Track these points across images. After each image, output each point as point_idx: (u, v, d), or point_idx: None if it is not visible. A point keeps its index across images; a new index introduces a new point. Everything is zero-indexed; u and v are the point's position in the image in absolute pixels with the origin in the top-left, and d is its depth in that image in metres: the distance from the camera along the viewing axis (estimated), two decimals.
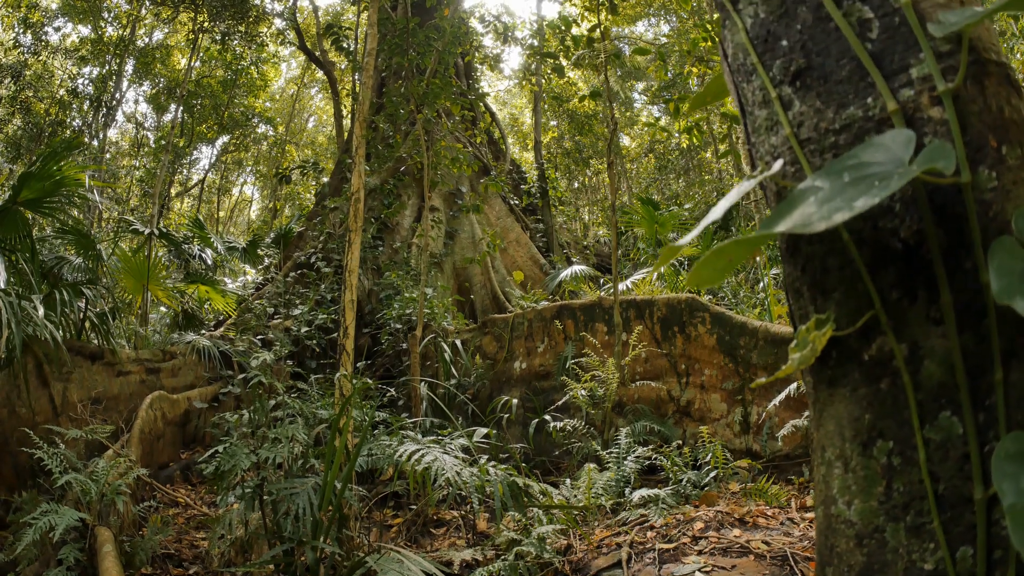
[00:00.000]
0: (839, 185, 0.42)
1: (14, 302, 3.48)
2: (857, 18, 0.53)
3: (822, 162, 0.53)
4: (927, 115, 0.48)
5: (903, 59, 0.51)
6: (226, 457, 2.47)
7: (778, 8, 0.59)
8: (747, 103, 0.61)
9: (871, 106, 0.51)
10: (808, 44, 0.56)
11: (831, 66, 0.54)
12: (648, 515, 2.90)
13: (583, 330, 4.61)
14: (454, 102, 5.75)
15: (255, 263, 8.54)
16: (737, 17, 0.62)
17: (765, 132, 0.59)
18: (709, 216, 0.51)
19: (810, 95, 0.55)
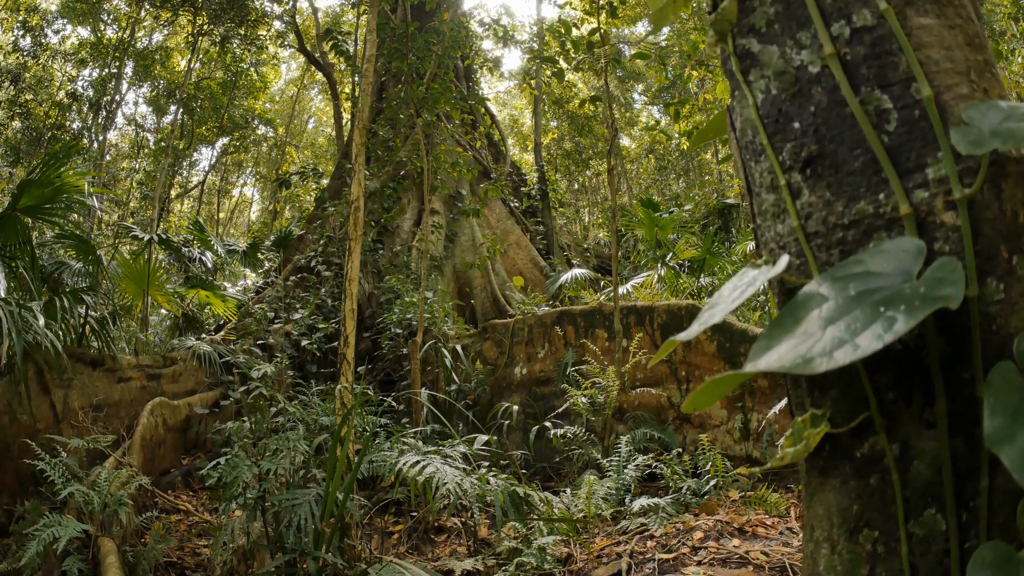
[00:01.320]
0: (844, 300, 0.42)
1: (14, 311, 3.49)
2: (875, 107, 0.52)
3: (828, 257, 0.53)
4: (940, 220, 0.47)
5: (920, 156, 0.50)
6: (228, 468, 2.47)
7: (791, 86, 0.57)
8: (754, 183, 0.60)
9: (883, 203, 0.50)
10: (821, 129, 0.55)
11: (844, 155, 0.53)
12: (648, 524, 2.91)
13: (583, 336, 4.62)
14: (454, 107, 5.75)
15: (255, 266, 8.54)
16: (747, 90, 0.60)
17: (772, 219, 0.58)
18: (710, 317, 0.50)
19: (820, 185, 0.54)
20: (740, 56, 0.62)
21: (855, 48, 0.54)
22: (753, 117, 0.59)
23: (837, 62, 0.53)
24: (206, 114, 12.42)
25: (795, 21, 0.58)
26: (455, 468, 2.65)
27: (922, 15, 0.54)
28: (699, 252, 7.17)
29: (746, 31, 0.62)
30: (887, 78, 0.52)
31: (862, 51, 0.54)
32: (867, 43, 0.54)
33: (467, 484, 2.58)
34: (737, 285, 0.53)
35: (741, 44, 0.61)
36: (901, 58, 0.52)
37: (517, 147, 16.45)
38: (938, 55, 0.52)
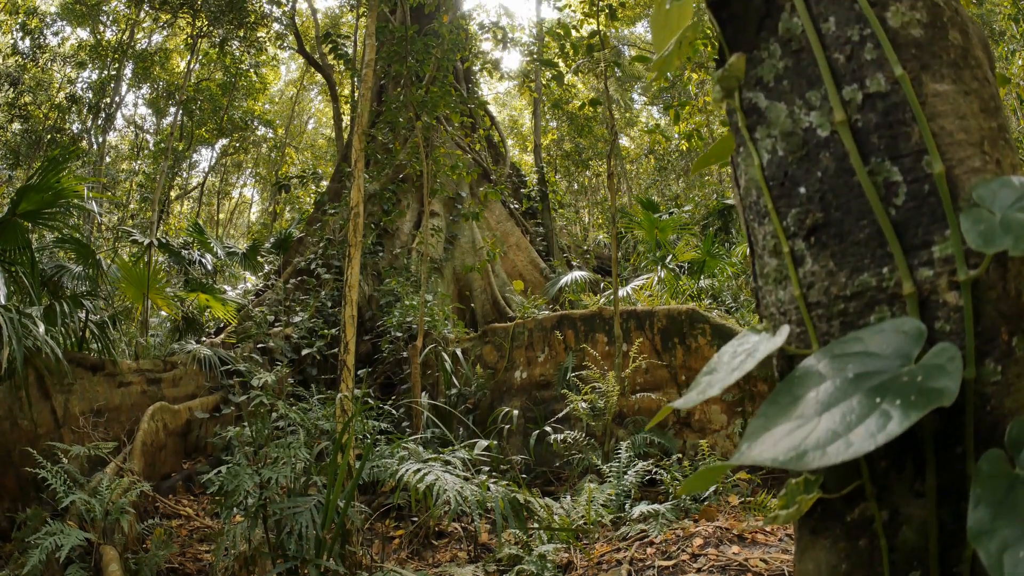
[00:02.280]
0: (842, 383, 0.42)
1: (15, 318, 3.49)
2: (884, 179, 0.51)
3: (828, 328, 0.52)
4: (943, 299, 0.47)
5: (927, 233, 0.48)
6: (229, 477, 2.48)
7: (799, 148, 0.56)
8: (757, 244, 0.59)
9: (886, 277, 0.49)
10: (828, 196, 0.53)
11: (850, 225, 0.52)
12: (648, 530, 2.92)
13: (583, 341, 4.62)
14: (453, 110, 5.75)
15: (255, 269, 8.54)
16: (753, 148, 0.59)
17: (774, 284, 0.57)
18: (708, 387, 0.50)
19: (824, 254, 0.53)
20: (746, 111, 0.60)
21: (867, 115, 0.53)
22: (758, 178, 0.57)
23: (848, 130, 0.52)
24: (205, 115, 12.41)
25: (805, 79, 0.56)
26: (455, 476, 2.66)
27: (938, 81, 0.52)
28: (699, 254, 7.18)
29: (753, 83, 0.60)
30: (898, 149, 0.51)
31: (874, 119, 0.52)
32: (880, 111, 0.52)
33: (468, 492, 2.58)
34: (737, 351, 0.53)
35: (748, 98, 0.60)
36: (914, 128, 0.51)
37: (517, 148, 16.43)
38: (952, 125, 0.51)
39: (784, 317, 0.56)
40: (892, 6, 0.54)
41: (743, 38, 0.61)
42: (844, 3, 0.55)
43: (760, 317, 0.60)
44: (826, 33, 0.56)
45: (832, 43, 0.55)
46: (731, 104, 0.60)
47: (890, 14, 0.54)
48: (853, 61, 0.54)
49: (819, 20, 0.56)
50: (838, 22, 0.55)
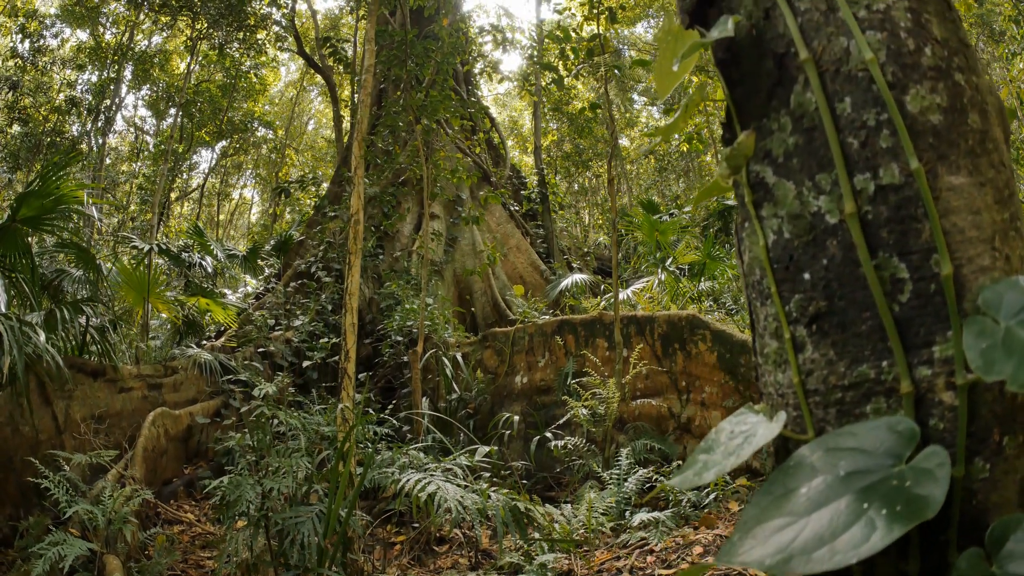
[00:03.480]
0: (833, 481, 0.42)
1: (15, 326, 3.50)
2: (890, 275, 0.50)
3: (825, 415, 0.52)
4: (939, 398, 0.47)
5: (929, 333, 0.48)
6: (231, 487, 2.49)
7: (806, 233, 0.54)
8: (758, 323, 0.59)
9: (885, 371, 0.49)
10: (833, 285, 0.52)
11: (853, 316, 0.51)
12: (648, 538, 2.93)
13: (584, 346, 4.63)
14: (453, 114, 5.75)
15: (255, 272, 8.54)
16: (758, 226, 0.57)
17: (773, 366, 0.57)
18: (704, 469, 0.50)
19: (825, 342, 0.52)
20: (753, 186, 0.59)
21: (878, 207, 0.51)
22: (762, 258, 0.56)
23: (857, 222, 0.50)
24: (205, 117, 12.40)
25: (816, 160, 0.55)
26: (456, 484, 2.67)
27: (954, 172, 0.51)
28: (699, 256, 7.17)
29: (761, 156, 0.58)
30: (908, 246, 0.50)
31: (885, 212, 0.51)
32: (892, 204, 0.51)
33: (469, 500, 2.59)
34: (735, 431, 0.53)
35: (755, 171, 0.58)
36: (925, 225, 0.49)
37: (517, 149, 16.42)
38: (964, 222, 0.50)
39: (782, 400, 0.56)
40: (912, 89, 0.52)
41: (753, 104, 0.60)
42: (861, 83, 0.53)
43: (759, 393, 0.60)
44: (841, 114, 0.54)
45: (846, 126, 0.54)
46: (738, 178, 0.59)
47: (909, 98, 0.52)
48: (867, 148, 0.52)
49: (834, 99, 0.54)
50: (854, 104, 0.53)
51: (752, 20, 0.61)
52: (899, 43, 0.54)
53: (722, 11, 0.64)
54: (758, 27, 0.60)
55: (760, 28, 0.60)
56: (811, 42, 0.57)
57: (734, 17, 0.58)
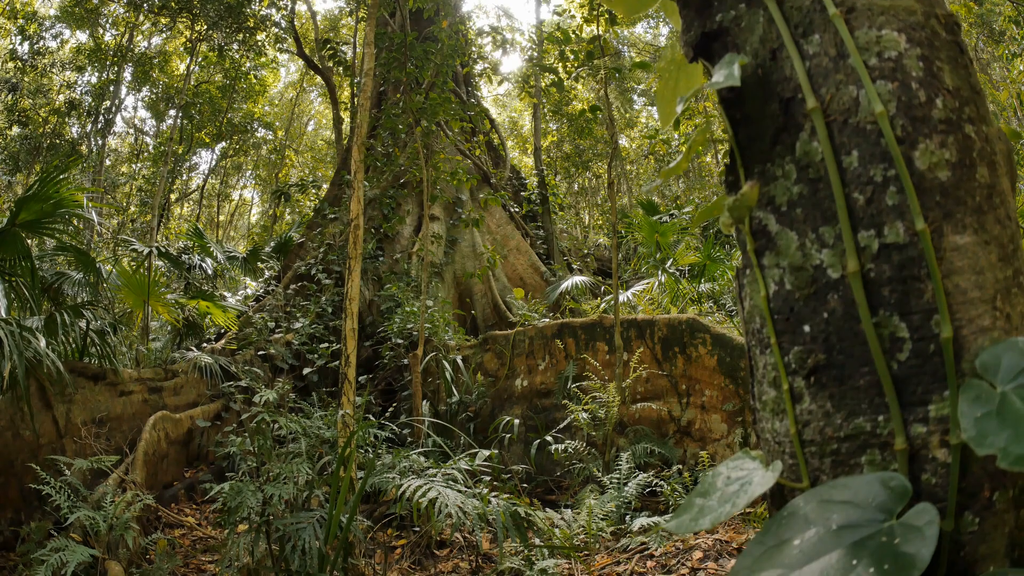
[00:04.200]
0: (825, 533, 0.43)
1: (15, 331, 3.50)
2: (890, 333, 0.49)
3: (820, 464, 0.53)
4: (933, 455, 0.47)
5: (926, 391, 0.48)
6: (232, 494, 2.49)
7: (807, 286, 0.53)
8: (757, 371, 0.59)
9: (881, 425, 0.49)
10: (832, 339, 0.52)
11: (851, 370, 0.51)
12: (648, 543, 2.94)
13: (584, 349, 4.63)
14: (453, 117, 5.75)
15: (255, 274, 8.54)
16: (760, 275, 0.57)
17: (771, 413, 0.57)
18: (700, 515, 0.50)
19: (823, 395, 0.52)
20: (755, 233, 0.58)
21: (881, 266, 0.50)
22: (763, 308, 0.56)
23: (859, 281, 0.50)
24: (205, 118, 12.39)
25: (820, 212, 0.54)
26: (456, 491, 2.67)
27: (959, 232, 0.50)
28: (699, 258, 7.17)
29: (764, 203, 0.57)
30: (909, 306, 0.49)
31: (887, 271, 0.50)
32: (895, 263, 0.50)
33: (469, 506, 2.60)
34: (732, 477, 0.53)
35: (758, 217, 0.57)
36: (927, 285, 0.49)
37: (516, 149, 16.41)
38: (967, 283, 0.49)
39: (779, 447, 0.56)
40: (921, 144, 0.51)
41: (756, 147, 0.59)
42: (870, 136, 0.52)
43: (757, 433, 0.61)
44: (847, 168, 0.53)
45: (852, 180, 0.53)
46: (740, 225, 0.58)
47: (918, 153, 0.51)
48: (873, 205, 0.51)
49: (841, 151, 0.53)
50: (861, 158, 0.52)
51: (758, 59, 0.60)
52: (910, 94, 0.53)
53: (727, 47, 0.63)
54: (764, 67, 0.59)
55: (766, 69, 0.59)
56: (819, 89, 0.56)
57: (740, 60, 0.56)
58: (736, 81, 0.54)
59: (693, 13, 0.66)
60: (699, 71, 0.68)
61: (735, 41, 0.62)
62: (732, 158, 0.62)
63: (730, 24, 0.63)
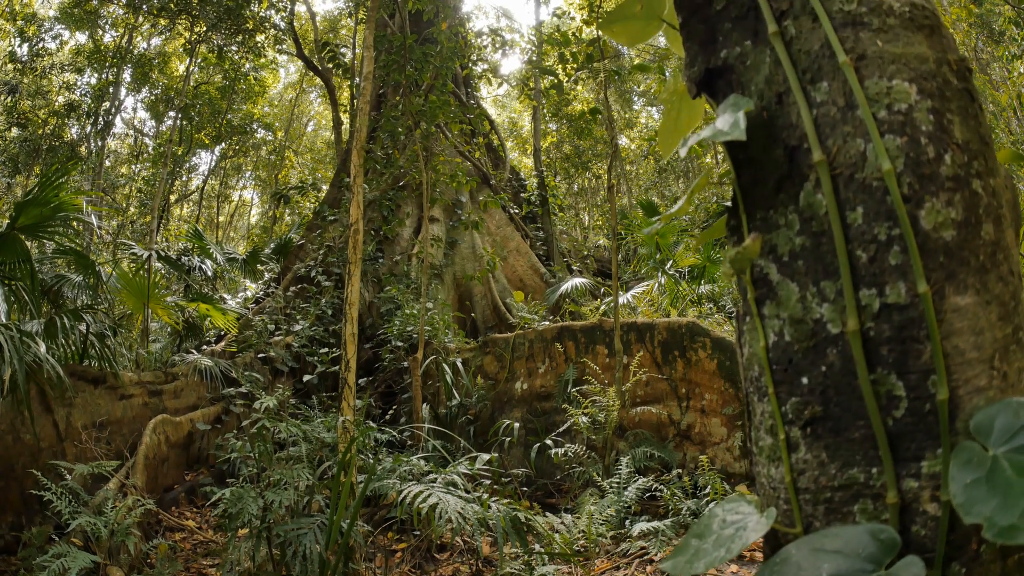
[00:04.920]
0: None
1: (15, 336, 3.50)
2: (887, 391, 0.50)
3: (813, 511, 0.53)
4: (923, 508, 0.48)
5: (920, 448, 0.49)
6: (233, 500, 2.50)
7: (807, 339, 0.53)
8: (755, 417, 0.59)
9: (874, 476, 0.50)
10: (830, 392, 0.52)
11: (847, 423, 0.51)
12: (648, 547, 2.94)
13: (584, 353, 4.64)
14: (452, 119, 5.75)
15: (255, 276, 8.54)
16: (760, 325, 0.57)
17: (767, 459, 0.58)
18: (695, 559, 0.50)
19: (818, 444, 0.53)
20: (756, 281, 0.57)
21: (881, 325, 0.50)
22: (762, 357, 0.56)
23: (859, 340, 0.50)
24: (204, 119, 12.38)
25: (822, 265, 0.53)
26: (457, 496, 2.68)
27: (961, 292, 0.50)
28: (699, 259, 7.18)
29: (767, 251, 0.57)
30: (907, 366, 0.49)
31: (887, 331, 0.50)
32: (895, 324, 0.50)
33: (469, 511, 2.61)
34: (727, 520, 0.54)
35: (759, 266, 0.57)
36: (926, 347, 0.49)
37: (516, 150, 16.40)
38: (965, 344, 0.49)
39: (774, 492, 0.57)
40: (928, 203, 0.51)
41: (760, 192, 0.59)
42: (875, 194, 0.51)
43: (754, 475, 0.61)
44: (851, 224, 0.52)
45: (856, 237, 0.52)
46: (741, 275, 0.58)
47: (924, 212, 0.51)
48: (876, 263, 0.51)
49: (845, 207, 0.53)
50: (866, 215, 0.52)
51: (764, 101, 0.59)
52: (919, 150, 0.52)
53: (731, 85, 0.62)
54: (770, 110, 0.58)
55: (772, 112, 0.58)
56: (825, 140, 0.54)
57: (746, 106, 0.55)
58: (742, 135, 0.53)
59: (697, 47, 0.65)
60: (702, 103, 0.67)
61: (740, 80, 0.61)
62: (735, 201, 0.62)
63: (735, 61, 0.61)
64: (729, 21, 0.62)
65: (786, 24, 0.59)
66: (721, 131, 0.55)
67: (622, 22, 0.80)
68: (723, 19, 0.63)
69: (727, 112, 0.57)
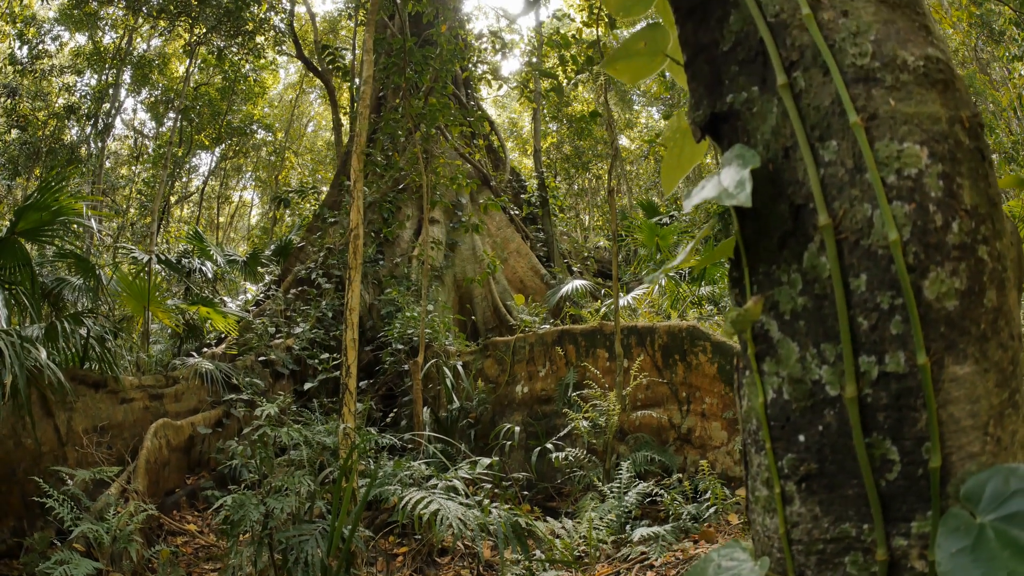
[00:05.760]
0: None
1: (16, 342, 3.51)
2: (881, 455, 0.50)
3: (806, 561, 0.54)
4: (911, 565, 0.49)
5: (911, 509, 0.49)
6: (235, 507, 2.51)
7: (805, 399, 0.54)
8: (751, 468, 0.60)
9: (865, 532, 0.51)
10: (825, 451, 0.53)
11: (841, 480, 0.52)
12: (648, 552, 2.95)
13: (584, 356, 4.64)
14: (452, 122, 5.74)
15: (255, 278, 8.54)
16: (759, 380, 0.57)
17: (763, 510, 0.58)
18: None
19: (812, 499, 0.53)
20: (756, 337, 0.57)
21: (878, 392, 0.51)
22: (760, 413, 0.57)
23: (856, 407, 0.51)
24: (204, 121, 12.38)
25: (823, 327, 0.54)
26: (458, 503, 2.68)
27: (960, 362, 0.50)
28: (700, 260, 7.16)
29: (768, 307, 0.57)
30: (902, 432, 0.50)
31: (884, 398, 0.51)
32: (892, 392, 0.50)
33: (470, 517, 2.61)
34: (721, 567, 0.54)
35: (760, 321, 0.57)
36: (922, 415, 0.49)
37: (516, 151, 16.39)
38: (961, 412, 0.50)
39: (768, 542, 0.57)
40: (932, 273, 0.50)
41: (763, 245, 0.58)
42: (880, 262, 0.51)
43: (749, 523, 0.61)
44: (854, 291, 0.52)
45: (859, 304, 0.52)
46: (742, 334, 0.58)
47: (928, 282, 0.50)
48: (877, 332, 0.51)
49: (849, 272, 0.52)
50: (870, 282, 0.52)
51: (770, 153, 0.58)
52: (926, 218, 0.51)
53: (736, 131, 0.61)
54: (776, 163, 0.57)
55: (778, 165, 0.57)
56: (832, 202, 0.54)
57: (752, 164, 0.54)
58: (747, 201, 0.52)
59: (702, 89, 0.64)
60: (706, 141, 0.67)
61: (746, 127, 0.60)
62: (737, 252, 0.61)
63: (741, 107, 0.60)
64: (736, 64, 0.61)
65: (796, 75, 0.57)
66: (727, 192, 0.54)
67: (625, 60, 0.80)
68: (730, 61, 0.62)
69: (732, 165, 0.56)
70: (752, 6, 0.59)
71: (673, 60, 0.78)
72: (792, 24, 0.58)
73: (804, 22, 0.57)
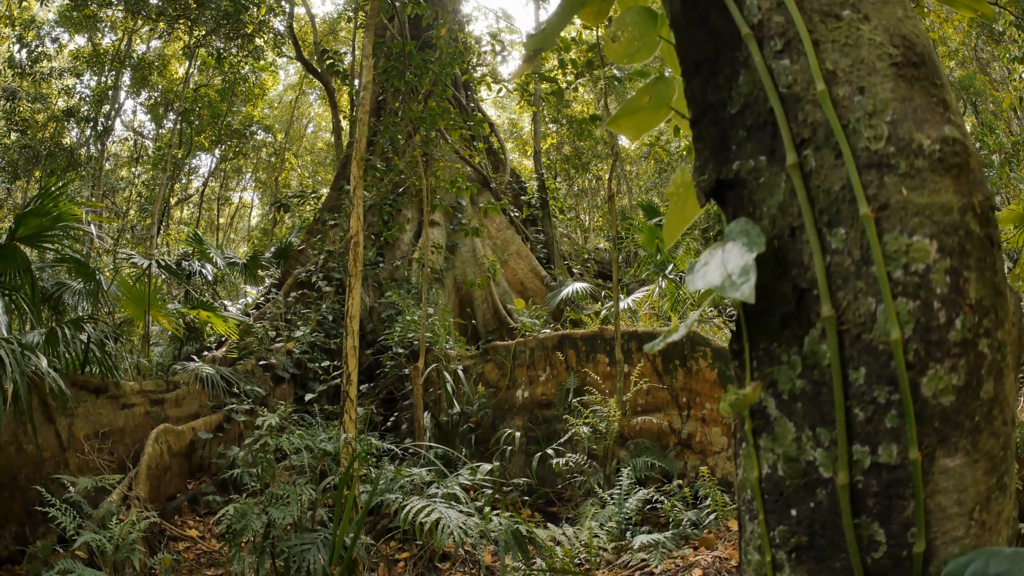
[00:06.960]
0: None
1: (16, 350, 3.51)
2: (868, 536, 0.51)
3: None
4: None
5: None
6: (237, 517, 2.51)
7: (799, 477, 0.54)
8: (744, 533, 0.61)
9: None
10: (816, 526, 0.54)
11: (830, 553, 0.53)
12: (649, 559, 2.96)
13: (585, 361, 4.65)
14: (452, 126, 5.74)
15: (255, 281, 8.54)
16: (755, 455, 0.57)
17: (754, 573, 0.59)
18: None
19: (801, 568, 0.55)
20: (754, 413, 0.58)
21: (869, 480, 0.52)
22: (755, 486, 0.58)
23: (847, 493, 0.51)
24: (204, 122, 12.37)
25: (820, 412, 0.54)
26: (459, 511, 2.69)
27: (951, 455, 0.50)
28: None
29: (767, 384, 0.57)
30: (890, 518, 0.51)
31: (874, 486, 0.51)
32: (883, 481, 0.51)
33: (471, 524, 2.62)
34: None
35: (760, 397, 0.57)
36: (910, 504, 0.51)
37: (516, 152, 16.38)
38: (948, 501, 0.50)
39: None
40: (931, 370, 0.51)
41: (765, 321, 0.58)
42: (880, 357, 0.51)
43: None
44: (852, 382, 0.53)
45: (856, 396, 0.52)
46: None
47: (926, 380, 0.51)
48: (872, 424, 0.52)
49: (848, 365, 0.53)
50: (868, 376, 0.52)
51: (776, 230, 0.57)
52: (930, 316, 0.51)
53: (741, 201, 0.60)
54: (781, 240, 0.57)
55: (783, 243, 0.56)
56: (836, 292, 0.53)
57: (758, 249, 0.53)
58: (751, 296, 0.51)
59: (708, 152, 0.63)
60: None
61: (752, 197, 0.59)
62: (739, 325, 0.61)
63: (748, 176, 0.59)
64: (744, 128, 0.60)
65: (806, 154, 0.56)
66: (731, 280, 0.53)
67: (629, 116, 0.79)
68: (737, 125, 0.60)
69: (737, 245, 0.55)
70: (764, 75, 0.57)
71: (678, 112, 0.77)
72: (805, 99, 0.56)
73: (819, 99, 0.55)
